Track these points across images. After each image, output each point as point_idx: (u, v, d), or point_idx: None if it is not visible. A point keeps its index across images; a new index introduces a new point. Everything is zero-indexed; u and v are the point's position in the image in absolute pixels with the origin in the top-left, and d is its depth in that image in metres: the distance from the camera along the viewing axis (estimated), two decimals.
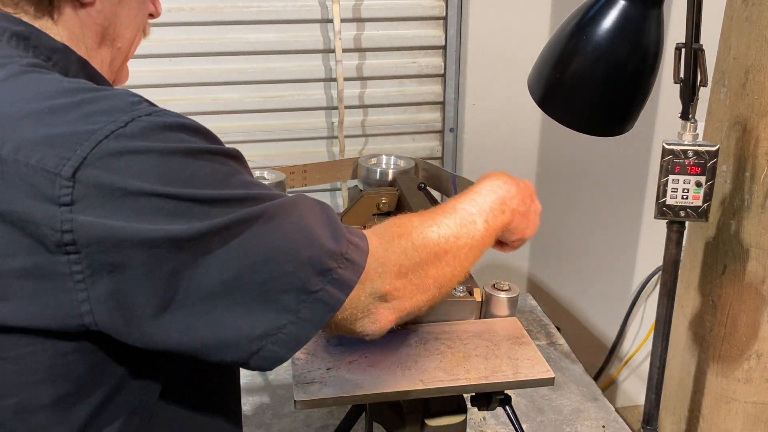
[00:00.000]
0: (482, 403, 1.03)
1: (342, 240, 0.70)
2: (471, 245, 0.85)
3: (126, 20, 0.81)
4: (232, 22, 1.72)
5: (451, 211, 0.87)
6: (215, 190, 0.64)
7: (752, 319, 1.49)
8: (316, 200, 0.74)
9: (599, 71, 1.15)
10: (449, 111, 1.88)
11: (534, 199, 1.01)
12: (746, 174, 1.43)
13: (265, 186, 0.71)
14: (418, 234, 0.80)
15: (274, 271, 0.65)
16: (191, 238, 0.61)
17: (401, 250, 0.77)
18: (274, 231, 0.66)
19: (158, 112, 0.65)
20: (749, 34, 1.39)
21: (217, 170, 0.65)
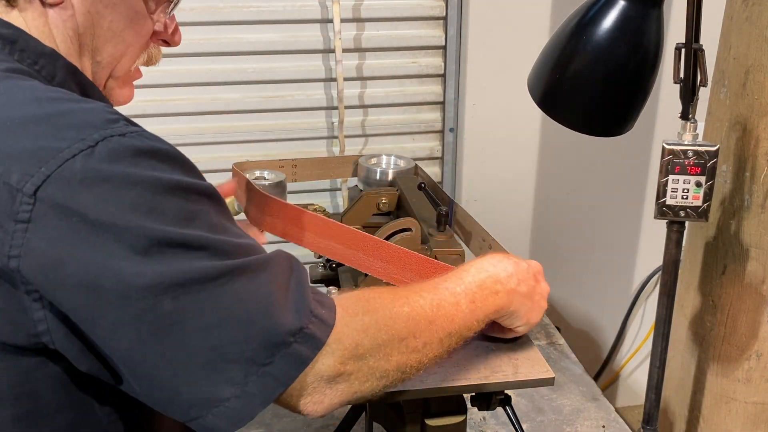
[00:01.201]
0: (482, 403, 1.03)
1: (304, 312, 0.64)
2: (449, 331, 0.76)
3: (107, 33, 0.75)
4: (232, 22, 1.72)
5: (431, 289, 0.78)
6: (177, 229, 0.60)
7: (752, 319, 1.49)
8: (290, 260, 0.68)
9: (599, 71, 1.15)
10: (449, 111, 1.88)
11: (539, 279, 0.92)
12: (746, 174, 1.43)
13: (235, 231, 0.66)
14: (385, 312, 0.71)
15: (224, 338, 0.60)
16: (141, 288, 0.58)
17: (362, 328, 0.68)
18: (232, 294, 0.61)
19: (133, 133, 0.62)
20: (749, 34, 1.39)
21: (184, 208, 0.61)
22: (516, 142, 1.99)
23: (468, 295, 0.80)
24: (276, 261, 0.66)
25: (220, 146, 1.81)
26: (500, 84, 1.90)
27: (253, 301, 0.62)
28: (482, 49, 1.87)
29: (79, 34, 0.74)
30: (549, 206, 2.09)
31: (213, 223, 0.63)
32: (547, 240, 2.13)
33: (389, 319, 0.71)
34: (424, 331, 0.73)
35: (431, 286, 0.79)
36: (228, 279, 0.61)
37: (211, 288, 0.60)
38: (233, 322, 0.60)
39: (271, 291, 0.63)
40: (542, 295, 0.92)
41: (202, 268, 0.60)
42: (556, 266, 2.18)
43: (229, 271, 0.61)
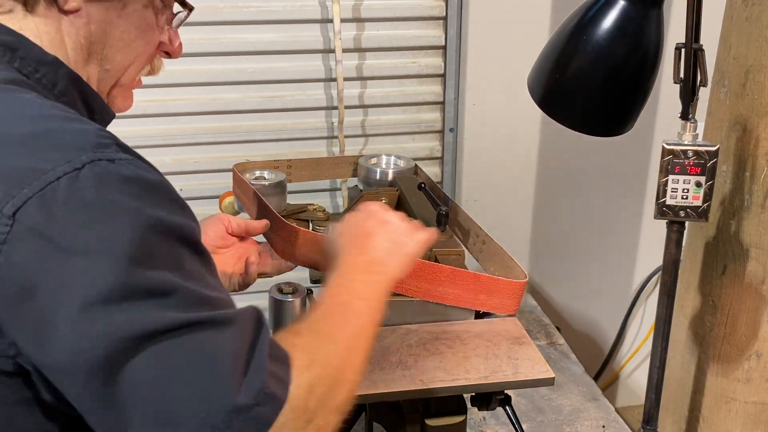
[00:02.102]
0: (482, 403, 1.03)
1: (256, 386, 0.58)
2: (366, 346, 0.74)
3: (119, 43, 0.76)
4: (232, 22, 1.72)
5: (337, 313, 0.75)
6: (147, 271, 0.57)
7: (752, 319, 1.49)
8: (257, 320, 0.64)
9: (599, 71, 1.15)
10: (449, 111, 1.88)
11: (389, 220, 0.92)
12: (746, 174, 1.43)
13: (208, 282, 0.63)
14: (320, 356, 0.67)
15: (178, 396, 0.57)
16: (96, 335, 0.55)
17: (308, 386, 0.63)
18: (191, 349, 0.57)
19: (123, 160, 0.60)
20: (749, 34, 1.39)
21: (161, 248, 0.59)
22: (516, 142, 1.99)
23: (361, 297, 0.79)
24: (243, 319, 0.63)
25: (220, 146, 1.81)
26: (500, 84, 1.90)
27: (213, 361, 0.58)
28: (482, 49, 1.86)
29: (90, 42, 0.75)
30: (549, 206, 2.09)
31: (187, 271, 0.61)
32: (547, 240, 2.13)
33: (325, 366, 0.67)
34: (347, 359, 0.71)
35: (330, 311, 0.76)
36: (190, 332, 0.58)
37: (171, 341, 0.57)
38: (190, 380, 0.57)
39: (231, 352, 0.59)
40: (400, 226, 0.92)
41: (164, 318, 0.57)
42: (555, 266, 2.18)
43: (192, 324, 0.58)
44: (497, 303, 1.06)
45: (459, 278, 1.03)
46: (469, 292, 1.04)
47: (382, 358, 0.98)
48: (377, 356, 0.99)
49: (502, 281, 1.05)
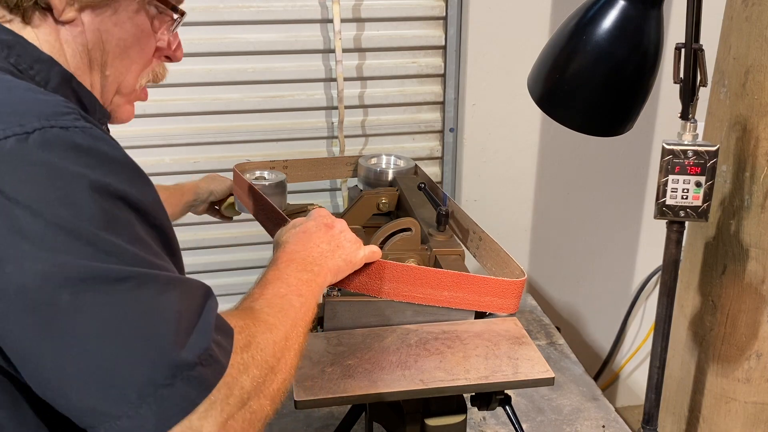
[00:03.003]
0: (482, 403, 1.03)
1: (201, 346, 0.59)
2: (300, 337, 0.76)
3: (116, 49, 0.78)
4: (232, 22, 1.72)
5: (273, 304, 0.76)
6: (92, 229, 0.58)
7: (752, 319, 1.49)
8: (204, 288, 0.65)
9: (599, 71, 1.15)
10: (449, 111, 1.88)
11: (331, 225, 0.96)
12: (746, 174, 1.43)
13: (154, 250, 0.63)
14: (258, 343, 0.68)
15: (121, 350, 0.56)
16: (41, 275, 0.56)
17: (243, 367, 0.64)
18: (136, 303, 0.58)
19: (78, 128, 0.61)
20: (749, 34, 1.39)
21: (106, 212, 0.59)
22: (516, 142, 1.99)
23: (296, 292, 0.81)
24: (189, 286, 0.63)
25: (220, 146, 1.81)
26: (500, 84, 1.90)
27: (157, 317, 0.58)
28: (482, 49, 1.87)
29: (88, 50, 0.77)
30: (549, 206, 2.09)
31: (132, 235, 0.61)
32: (547, 240, 2.13)
33: (261, 351, 0.68)
34: (285, 349, 0.71)
35: (269, 302, 0.77)
36: (134, 285, 0.58)
37: (115, 291, 0.57)
38: (133, 334, 0.57)
39: (175, 310, 0.59)
40: (343, 233, 0.96)
41: (109, 269, 0.57)
42: (556, 266, 2.18)
43: (136, 277, 0.58)
44: (496, 303, 1.06)
45: (456, 281, 1.03)
46: (466, 293, 1.05)
47: (382, 358, 0.98)
48: (377, 356, 0.99)
49: (499, 281, 1.05)
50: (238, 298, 0.79)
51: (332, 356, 0.99)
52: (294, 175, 1.55)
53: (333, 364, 0.97)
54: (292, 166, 1.54)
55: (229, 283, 1.94)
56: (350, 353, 0.99)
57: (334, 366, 0.97)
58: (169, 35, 0.85)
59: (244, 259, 1.92)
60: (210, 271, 1.92)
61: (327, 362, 0.97)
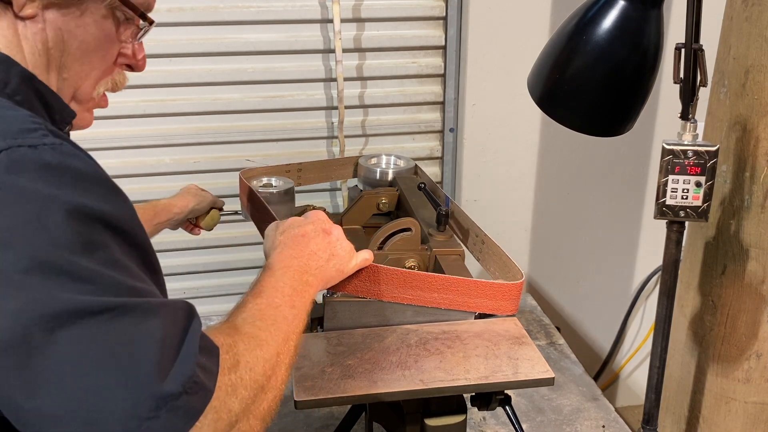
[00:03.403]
0: (482, 403, 1.03)
1: (186, 374, 0.57)
2: (291, 350, 0.74)
3: (77, 51, 0.75)
4: (232, 22, 1.72)
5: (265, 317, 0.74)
6: (66, 255, 0.55)
7: (752, 319, 1.49)
8: (187, 311, 0.62)
9: (599, 71, 1.15)
10: (449, 111, 1.88)
11: (329, 231, 0.94)
12: (746, 174, 1.43)
13: (134, 272, 0.61)
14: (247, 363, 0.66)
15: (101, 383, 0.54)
16: (12, 313, 0.53)
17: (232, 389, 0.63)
18: (114, 334, 0.55)
19: (47, 145, 0.58)
20: (749, 34, 1.39)
21: (81, 235, 0.57)
22: (516, 142, 1.99)
23: (289, 303, 0.79)
24: (171, 309, 0.60)
25: (220, 146, 1.81)
26: (500, 84, 1.90)
27: (138, 347, 0.55)
28: (482, 49, 1.87)
29: (48, 48, 0.73)
30: (549, 206, 2.09)
31: (110, 258, 0.58)
32: (547, 240, 2.13)
33: (250, 370, 0.66)
34: (276, 366, 0.70)
35: (261, 314, 0.75)
36: (112, 316, 0.55)
37: (92, 324, 0.54)
38: (113, 367, 0.54)
39: (157, 339, 0.57)
40: (339, 241, 0.94)
41: (84, 301, 0.54)
42: (556, 266, 2.18)
43: (114, 308, 0.55)
44: (495, 305, 1.06)
45: (446, 284, 1.03)
46: (459, 296, 1.04)
47: (382, 358, 0.98)
48: (377, 356, 0.99)
49: (496, 284, 1.05)
50: (238, 298, 0.79)
51: (332, 356, 0.99)
52: (307, 178, 1.54)
53: (333, 364, 0.97)
54: (305, 169, 1.53)
55: (229, 283, 1.94)
56: (350, 353, 0.99)
57: (334, 366, 0.97)
58: (135, 43, 0.81)
59: (244, 259, 1.92)
60: (210, 271, 1.93)
61: (327, 362, 0.97)
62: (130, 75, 0.85)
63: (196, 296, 1.94)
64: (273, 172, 1.45)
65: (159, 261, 0.67)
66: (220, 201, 1.46)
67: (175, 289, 1.90)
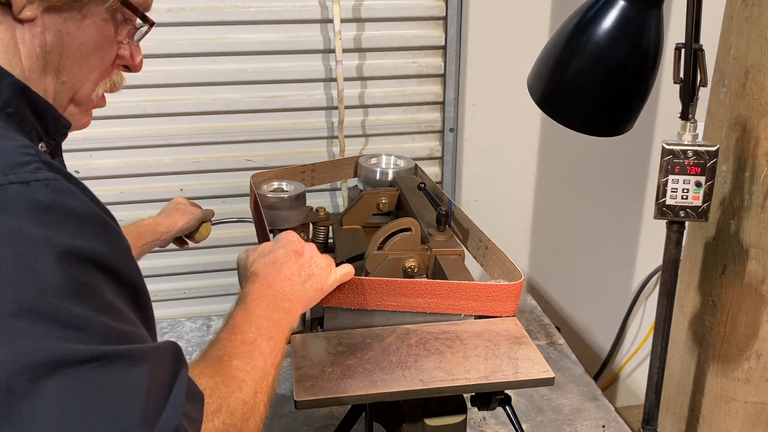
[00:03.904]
0: (482, 403, 1.03)
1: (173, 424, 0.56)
2: (270, 385, 0.75)
3: (76, 54, 0.73)
4: (232, 22, 1.72)
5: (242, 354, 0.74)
6: (55, 301, 0.54)
7: (752, 319, 1.49)
8: (174, 355, 0.62)
9: (599, 71, 1.15)
10: (449, 111, 1.88)
11: (297, 251, 0.92)
12: (746, 174, 1.43)
13: (124, 315, 0.60)
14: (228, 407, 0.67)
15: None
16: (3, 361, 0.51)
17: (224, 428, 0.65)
18: (100, 383, 0.54)
19: (40, 182, 0.57)
20: (749, 34, 1.39)
21: (72, 279, 0.55)
22: (516, 142, 1.99)
23: (266, 335, 0.79)
24: (159, 354, 0.60)
25: (220, 146, 1.81)
26: (500, 84, 1.90)
27: (125, 397, 0.55)
28: (482, 49, 1.87)
29: (46, 52, 0.72)
30: (549, 206, 2.09)
31: (100, 303, 0.57)
32: (547, 240, 2.13)
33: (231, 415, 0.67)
34: (254, 406, 0.70)
35: (237, 352, 0.75)
36: (99, 365, 0.54)
37: (78, 373, 0.53)
38: (98, 419, 0.53)
39: (143, 388, 0.56)
40: (313, 259, 0.93)
41: (72, 350, 0.53)
42: (556, 266, 2.18)
43: (102, 357, 0.54)
44: (493, 307, 1.06)
45: (430, 289, 1.03)
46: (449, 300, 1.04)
47: (382, 358, 0.98)
48: (377, 356, 0.99)
49: (493, 286, 1.04)
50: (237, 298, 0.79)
51: (332, 356, 0.99)
52: (320, 178, 1.53)
53: (333, 364, 0.97)
54: (318, 169, 1.52)
55: (229, 283, 1.94)
56: (350, 353, 0.99)
57: (334, 366, 0.96)
58: (132, 45, 0.80)
59: None
60: (210, 271, 1.93)
61: (327, 362, 0.97)
62: (130, 75, 0.85)
63: (196, 296, 1.94)
64: (287, 174, 1.43)
65: (149, 293, 0.66)
66: (209, 212, 1.43)
67: (175, 289, 1.91)
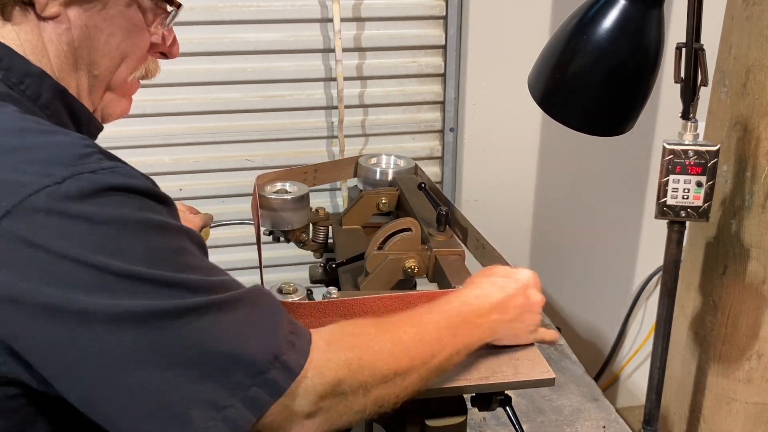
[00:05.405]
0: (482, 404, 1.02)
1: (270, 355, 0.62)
2: (429, 366, 0.76)
3: (105, 47, 0.74)
4: (232, 22, 1.72)
5: (415, 323, 0.78)
6: (144, 268, 0.58)
7: (753, 319, 1.49)
8: (265, 298, 0.67)
9: (599, 71, 1.14)
10: (449, 111, 1.88)
11: (528, 296, 0.93)
12: (747, 174, 1.42)
13: (208, 267, 0.65)
14: (368, 348, 0.71)
15: (184, 377, 0.58)
16: (103, 322, 0.56)
17: (345, 364, 0.68)
18: (195, 333, 0.59)
19: (105, 169, 0.60)
20: (750, 34, 1.38)
21: (153, 246, 0.60)
22: (516, 142, 1.98)
23: (451, 329, 0.80)
24: (248, 299, 0.64)
25: (220, 146, 1.81)
26: (500, 84, 1.90)
27: (216, 342, 0.60)
28: (482, 49, 1.86)
29: (74, 48, 0.72)
30: (549, 206, 2.08)
31: (184, 261, 0.62)
32: (548, 240, 2.13)
33: (372, 356, 0.70)
34: (405, 368, 0.73)
35: (416, 320, 0.78)
36: (194, 317, 0.59)
37: (175, 325, 0.58)
38: (192, 363, 0.58)
39: (236, 332, 0.61)
40: (532, 310, 0.93)
41: (167, 305, 0.58)
42: (556, 266, 2.17)
43: (195, 309, 0.59)
44: None
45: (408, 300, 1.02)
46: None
47: None
48: None
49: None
50: None
51: None
52: (321, 178, 1.53)
53: None
54: (320, 170, 1.52)
55: None
56: None
57: None
58: (164, 30, 0.80)
59: (244, 259, 1.92)
60: None
61: None
62: None
63: None
64: (289, 175, 1.43)
65: None
66: (209, 217, 1.43)
67: None
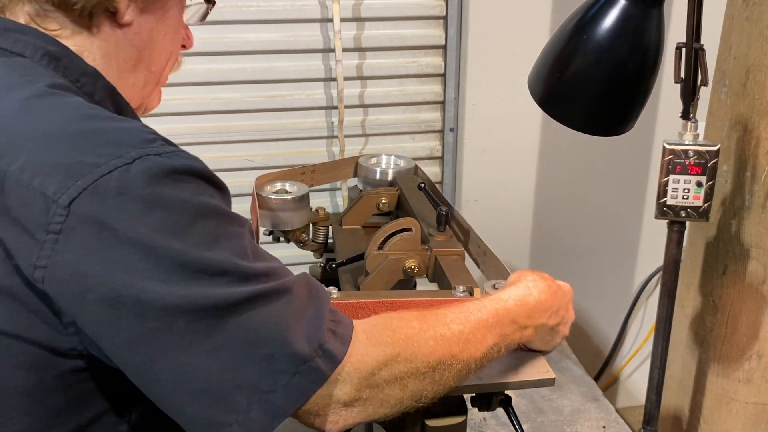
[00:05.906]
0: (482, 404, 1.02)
1: (315, 343, 0.64)
2: (470, 365, 0.77)
3: (161, 45, 0.82)
4: (232, 22, 1.72)
5: (462, 320, 0.77)
6: (202, 253, 0.61)
7: (753, 319, 1.49)
8: (311, 287, 0.69)
9: (599, 71, 1.14)
10: (449, 111, 1.88)
11: (569, 308, 0.94)
12: (747, 174, 1.42)
13: (261, 254, 0.67)
14: (410, 344, 0.71)
15: (230, 364, 0.61)
16: (159, 308, 0.59)
17: (383, 359, 0.69)
18: (245, 321, 0.62)
19: (169, 153, 0.63)
20: (750, 34, 1.38)
21: (212, 231, 0.63)
22: (516, 142, 1.98)
23: (497, 328, 0.80)
24: (296, 287, 0.67)
25: (220, 146, 1.81)
26: (500, 84, 1.90)
27: (264, 330, 0.62)
28: (482, 49, 1.86)
29: (139, 51, 0.79)
30: (549, 206, 2.08)
31: (238, 247, 0.64)
32: (548, 240, 2.13)
33: (412, 352, 0.71)
34: (445, 364, 0.73)
35: (463, 317, 0.78)
36: (245, 305, 0.62)
37: (227, 312, 0.61)
38: (240, 349, 0.61)
39: (284, 319, 0.64)
40: (566, 323, 0.94)
41: (220, 294, 0.61)
42: (556, 266, 2.17)
43: (246, 299, 0.62)
44: None
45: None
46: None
47: None
48: None
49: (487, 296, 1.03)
50: None
51: None
52: (320, 178, 1.53)
53: None
54: (318, 170, 1.52)
55: None
56: None
57: None
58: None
59: None
60: None
61: None
62: None
63: None
64: (287, 176, 1.43)
65: None
66: None
67: None
